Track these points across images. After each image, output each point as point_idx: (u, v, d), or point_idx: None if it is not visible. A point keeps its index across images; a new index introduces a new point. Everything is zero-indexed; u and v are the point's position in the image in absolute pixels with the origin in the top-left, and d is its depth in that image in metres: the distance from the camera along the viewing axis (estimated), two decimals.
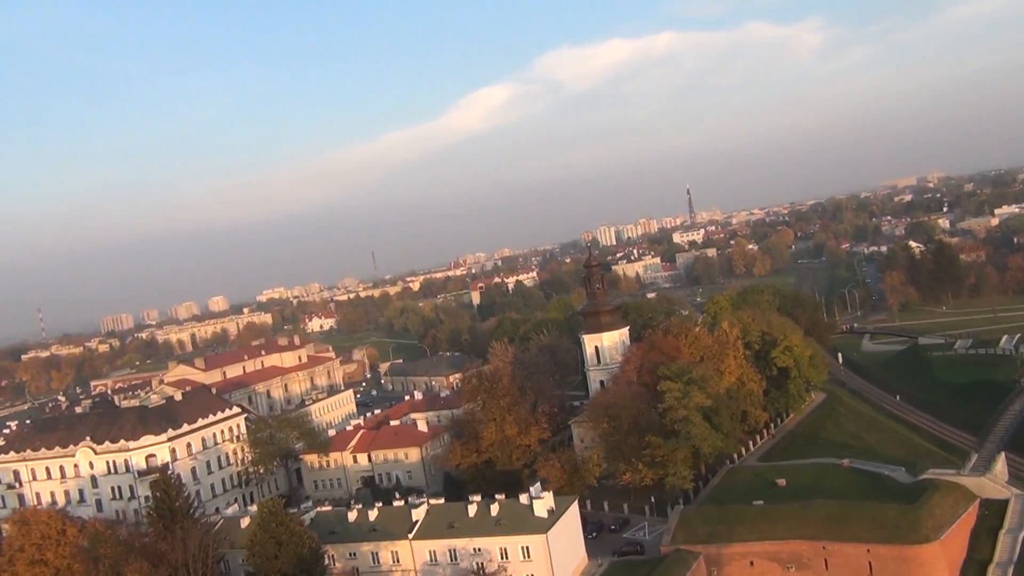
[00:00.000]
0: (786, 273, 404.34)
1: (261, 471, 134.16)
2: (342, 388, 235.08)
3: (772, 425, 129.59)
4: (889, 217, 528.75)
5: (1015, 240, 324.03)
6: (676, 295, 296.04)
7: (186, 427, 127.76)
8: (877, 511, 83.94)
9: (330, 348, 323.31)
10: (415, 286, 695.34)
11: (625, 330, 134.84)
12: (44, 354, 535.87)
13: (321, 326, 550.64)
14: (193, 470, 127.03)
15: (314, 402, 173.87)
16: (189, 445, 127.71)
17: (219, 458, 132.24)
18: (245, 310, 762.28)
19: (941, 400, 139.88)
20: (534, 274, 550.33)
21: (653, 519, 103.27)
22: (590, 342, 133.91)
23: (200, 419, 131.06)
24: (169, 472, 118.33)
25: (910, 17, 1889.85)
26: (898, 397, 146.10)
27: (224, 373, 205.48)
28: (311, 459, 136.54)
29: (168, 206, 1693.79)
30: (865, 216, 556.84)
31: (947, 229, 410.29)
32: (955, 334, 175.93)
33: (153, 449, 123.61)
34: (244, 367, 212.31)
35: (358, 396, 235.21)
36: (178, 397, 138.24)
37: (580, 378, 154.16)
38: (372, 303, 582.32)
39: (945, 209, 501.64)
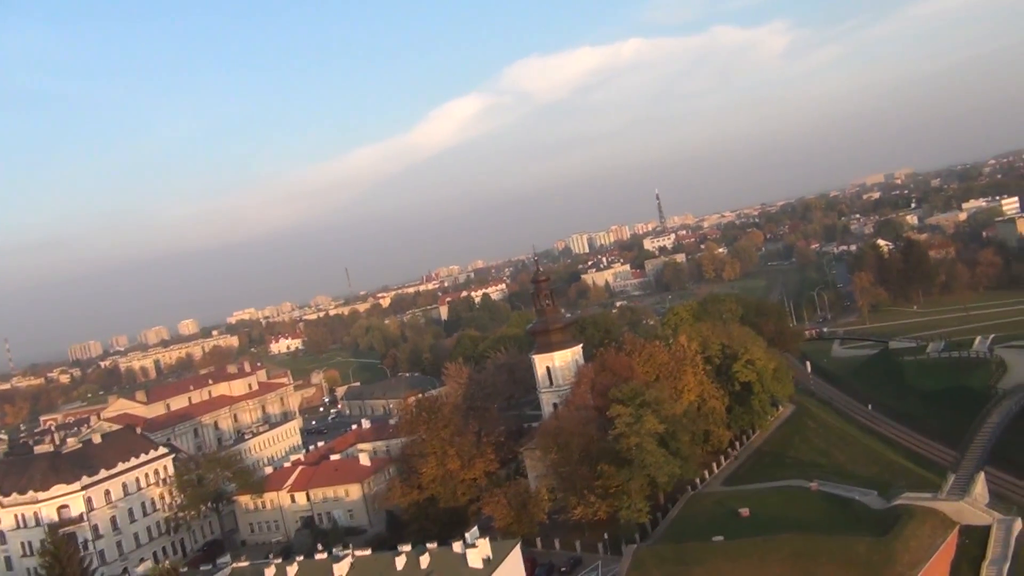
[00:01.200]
0: (756, 276, 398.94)
1: (191, 516, 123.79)
2: (295, 415, 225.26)
3: (737, 443, 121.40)
4: (858, 215, 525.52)
5: (983, 234, 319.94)
6: (641, 305, 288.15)
7: (104, 473, 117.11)
8: (848, 546, 75.58)
9: (288, 372, 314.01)
10: (385, 302, 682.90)
11: (578, 348, 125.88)
12: (4, 386, 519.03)
13: (288, 347, 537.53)
14: (113, 519, 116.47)
15: (254, 436, 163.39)
16: (108, 492, 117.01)
17: (143, 504, 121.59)
18: (214, 333, 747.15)
19: (914, 408, 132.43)
20: (503, 286, 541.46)
21: (608, 557, 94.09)
22: (541, 362, 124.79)
23: (120, 463, 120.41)
24: (80, 524, 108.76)
25: (874, 16, 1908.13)
26: (870, 406, 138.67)
27: (168, 406, 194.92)
28: (245, 500, 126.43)
29: (140, 232, 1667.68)
30: (834, 215, 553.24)
31: (916, 225, 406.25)
32: (927, 336, 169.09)
33: (66, 499, 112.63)
34: (190, 398, 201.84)
35: (313, 423, 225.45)
36: (97, 439, 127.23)
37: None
38: (340, 321, 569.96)
39: (913, 205, 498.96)
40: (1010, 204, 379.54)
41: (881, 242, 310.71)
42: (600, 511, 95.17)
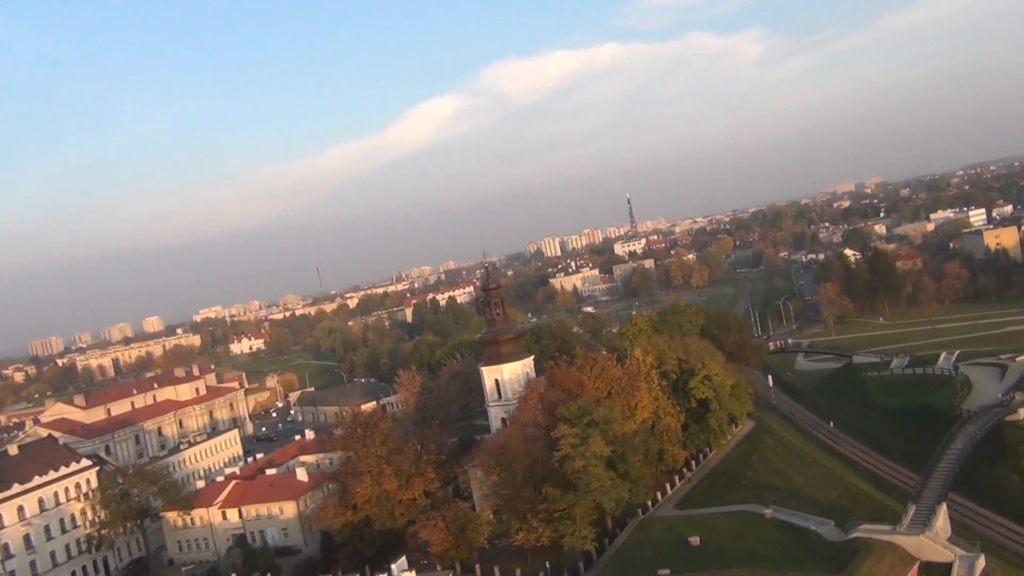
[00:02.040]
0: (724, 283, 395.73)
1: (115, 533, 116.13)
2: (245, 421, 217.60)
3: (693, 463, 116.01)
4: (827, 224, 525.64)
5: (951, 245, 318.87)
6: (603, 313, 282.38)
7: (17, 488, 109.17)
8: None
9: (243, 375, 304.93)
10: (352, 303, 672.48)
11: (529, 360, 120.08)
12: None
13: (251, 347, 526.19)
14: (27, 537, 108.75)
15: (190, 446, 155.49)
16: (21, 508, 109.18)
17: (62, 521, 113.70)
18: (178, 331, 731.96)
19: (877, 427, 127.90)
20: (471, 289, 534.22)
21: None
22: (489, 375, 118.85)
23: (37, 476, 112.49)
24: None
25: (848, 27, 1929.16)
26: (832, 424, 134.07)
27: (108, 411, 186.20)
28: (173, 517, 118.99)
29: (108, 227, 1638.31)
30: (804, 223, 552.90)
31: (884, 235, 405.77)
32: (892, 350, 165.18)
33: None
34: (133, 402, 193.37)
35: (263, 429, 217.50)
36: (14, 451, 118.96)
37: None
38: (305, 322, 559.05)
39: (882, 215, 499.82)
40: (977, 216, 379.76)
41: (848, 252, 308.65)
42: (543, 537, 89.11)
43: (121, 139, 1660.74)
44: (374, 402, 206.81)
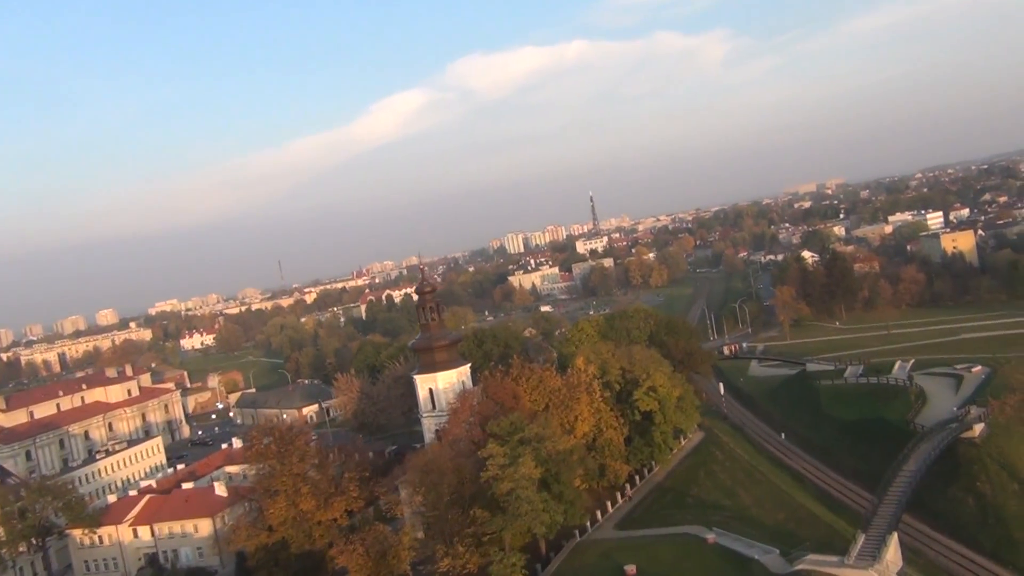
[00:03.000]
0: (683, 283, 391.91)
1: (14, 553, 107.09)
2: (180, 424, 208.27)
3: (637, 478, 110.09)
4: (787, 224, 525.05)
5: (908, 248, 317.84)
6: (555, 314, 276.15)
7: None
8: None
9: (185, 374, 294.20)
10: (310, 298, 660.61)
11: (466, 368, 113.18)
12: None
13: (202, 343, 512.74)
14: None
15: (108, 455, 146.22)
16: None
17: None
18: (131, 324, 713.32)
19: (829, 440, 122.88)
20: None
21: None
22: (423, 383, 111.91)
23: None
24: None
25: (812, 29, 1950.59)
26: (783, 435, 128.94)
27: (31, 413, 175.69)
28: (79, 535, 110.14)
29: (65, 217, 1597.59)
30: (764, 223, 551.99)
31: (842, 237, 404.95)
32: (847, 356, 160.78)
33: None
34: (58, 404, 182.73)
35: (200, 433, 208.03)
36: None
37: None
38: (260, 317, 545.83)
39: (842, 216, 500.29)
40: (935, 219, 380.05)
41: (807, 253, 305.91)
42: (470, 563, 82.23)
43: (81, 127, 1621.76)
44: (315, 405, 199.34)
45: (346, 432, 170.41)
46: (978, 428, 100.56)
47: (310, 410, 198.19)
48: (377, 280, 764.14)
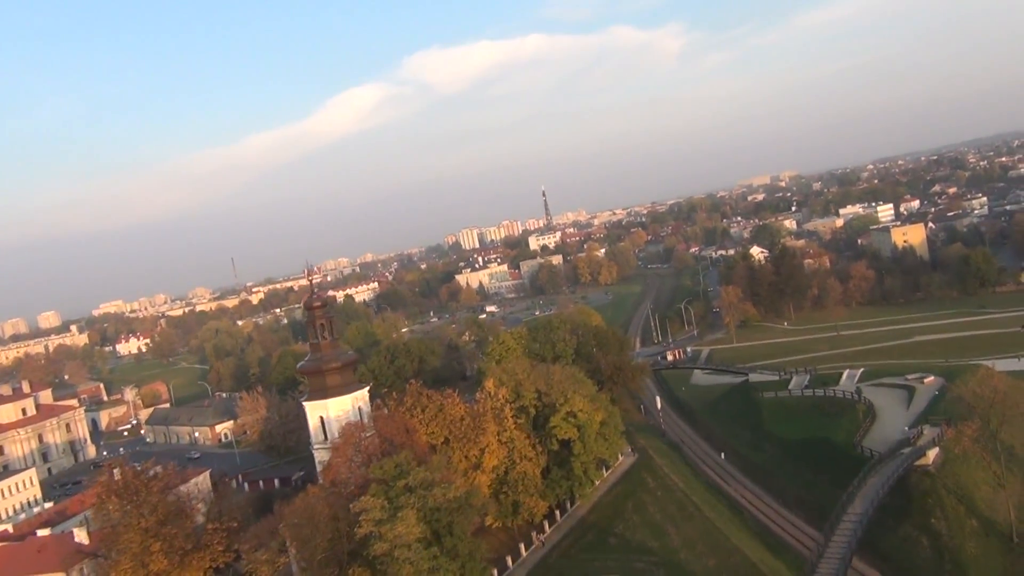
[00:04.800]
0: (633, 281, 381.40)
1: None
2: (85, 445, 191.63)
3: (558, 512, 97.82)
4: (739, 218, 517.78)
5: (859, 241, 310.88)
6: (488, 321, 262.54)
7: None
8: None
9: (101, 386, 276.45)
10: (256, 298, 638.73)
11: (362, 393, 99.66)
12: None
13: (140, 348, 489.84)
14: None
15: None
16: None
17: None
18: (72, 327, 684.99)
19: (772, 463, 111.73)
20: (375, 285, 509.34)
21: None
22: (313, 411, 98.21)
23: None
24: None
25: (764, 24, 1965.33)
26: (723, 455, 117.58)
27: None
28: None
29: (7, 216, 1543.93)
30: (717, 217, 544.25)
31: (793, 231, 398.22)
32: (794, 363, 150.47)
33: None
34: None
35: (104, 454, 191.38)
36: None
37: None
38: (204, 319, 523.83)
39: (794, 209, 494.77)
40: (885, 211, 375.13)
41: (756, 249, 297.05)
42: None
43: (22, 124, 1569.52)
44: (231, 422, 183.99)
45: (253, 454, 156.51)
46: (932, 454, 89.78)
47: (224, 428, 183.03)
48: (329, 278, 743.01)
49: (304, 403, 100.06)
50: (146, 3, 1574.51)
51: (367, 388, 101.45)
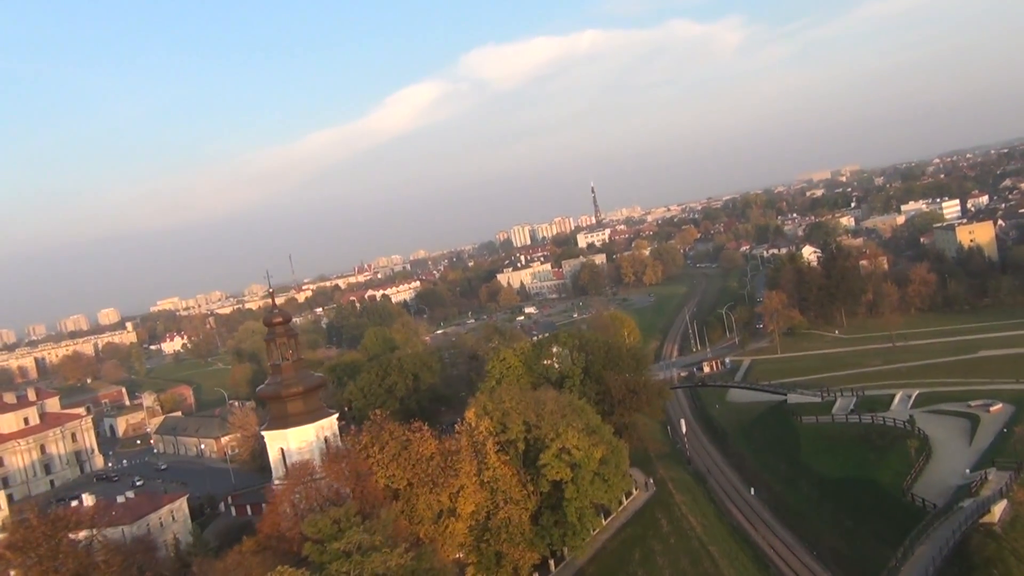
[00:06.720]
0: (679, 281, 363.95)
1: None
2: (92, 454, 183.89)
3: (552, 563, 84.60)
4: (795, 215, 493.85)
5: (921, 240, 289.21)
6: (519, 326, 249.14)
7: None
8: None
9: (123, 390, 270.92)
10: (302, 296, 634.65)
11: (329, 421, 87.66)
12: None
13: (183, 346, 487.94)
14: None
15: None
16: None
17: None
18: (128, 324, 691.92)
19: (808, 504, 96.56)
20: (417, 283, 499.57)
21: None
22: (272, 442, 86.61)
23: None
24: None
25: (825, 15, 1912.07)
26: (753, 490, 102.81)
27: None
28: None
29: (77, 213, 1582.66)
30: (772, 214, 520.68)
31: (851, 228, 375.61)
32: (840, 379, 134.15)
33: None
34: None
35: (109, 465, 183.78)
36: None
37: None
38: (254, 317, 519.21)
39: (853, 205, 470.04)
40: (951, 208, 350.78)
41: (809, 249, 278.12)
42: None
43: (95, 124, 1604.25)
44: (238, 435, 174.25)
45: (251, 473, 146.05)
46: (998, 509, 74.02)
47: (230, 440, 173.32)
48: (379, 276, 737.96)
49: (263, 432, 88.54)
50: (207, 6, 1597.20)
51: (335, 416, 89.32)
